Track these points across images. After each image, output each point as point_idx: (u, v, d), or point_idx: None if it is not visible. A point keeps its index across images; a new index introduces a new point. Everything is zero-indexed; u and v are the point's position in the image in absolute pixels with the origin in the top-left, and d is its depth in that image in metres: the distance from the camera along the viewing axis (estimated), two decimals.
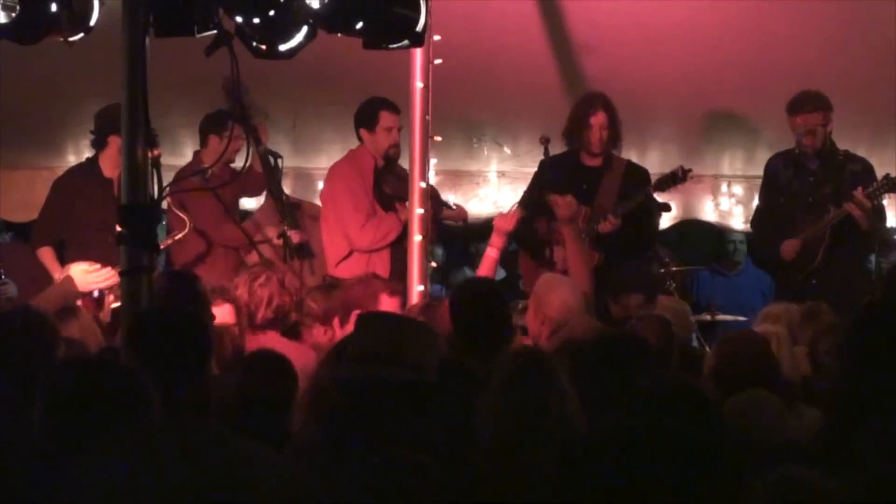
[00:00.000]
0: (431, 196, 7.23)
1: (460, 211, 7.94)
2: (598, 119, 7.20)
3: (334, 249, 7.40)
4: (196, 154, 7.56)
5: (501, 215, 6.93)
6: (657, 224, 7.83)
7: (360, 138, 7.40)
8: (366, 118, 7.34)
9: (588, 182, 7.25)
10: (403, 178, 7.18)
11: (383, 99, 7.32)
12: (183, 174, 7.20)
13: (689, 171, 7.21)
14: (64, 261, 7.09)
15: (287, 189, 7.78)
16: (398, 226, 7.25)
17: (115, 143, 7.04)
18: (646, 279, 6.62)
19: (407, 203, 6.99)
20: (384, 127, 7.30)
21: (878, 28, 7.44)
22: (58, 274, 6.89)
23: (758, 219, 7.69)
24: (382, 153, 7.35)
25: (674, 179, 7.21)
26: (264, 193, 7.77)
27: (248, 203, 8.27)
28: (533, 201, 7.23)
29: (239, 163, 7.37)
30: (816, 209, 7.19)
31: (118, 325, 5.45)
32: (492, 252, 6.80)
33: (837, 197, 7.11)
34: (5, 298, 6.80)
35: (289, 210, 7.42)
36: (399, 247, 7.18)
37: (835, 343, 5.17)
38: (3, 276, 7.28)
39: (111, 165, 7.17)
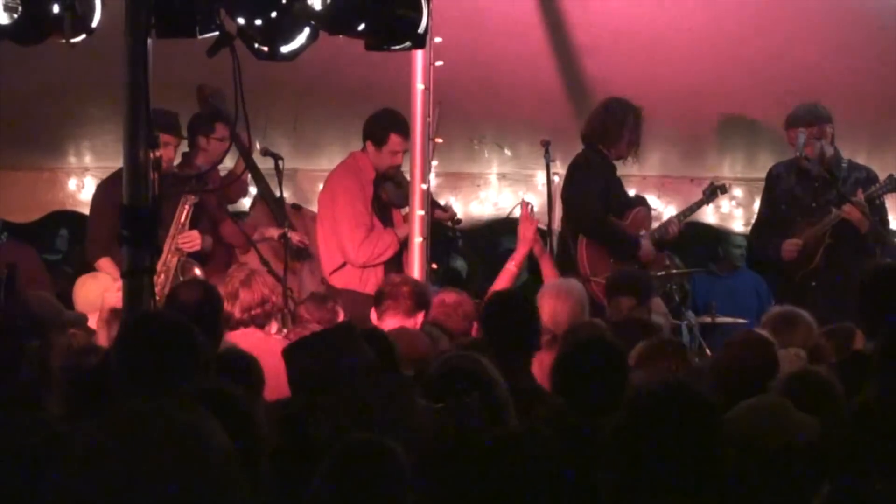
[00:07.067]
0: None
1: (450, 211, 7.91)
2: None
3: (329, 258, 7.37)
4: (185, 156, 7.43)
5: (523, 222, 7.00)
6: None
7: (364, 147, 7.40)
8: (376, 134, 7.29)
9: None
10: (400, 185, 7.19)
11: (396, 118, 7.20)
12: (177, 178, 7.12)
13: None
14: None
15: (287, 190, 7.75)
16: (395, 244, 7.22)
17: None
18: (637, 282, 6.63)
19: (405, 215, 6.99)
20: (391, 150, 7.25)
21: (878, 31, 7.45)
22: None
23: (759, 224, 7.70)
24: (382, 170, 7.34)
25: (723, 189, 7.79)
26: (252, 195, 7.85)
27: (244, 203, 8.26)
28: (598, 197, 7.27)
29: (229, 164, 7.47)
30: (819, 213, 7.20)
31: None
32: (511, 266, 6.82)
33: (840, 202, 7.11)
34: None
35: (282, 212, 7.42)
36: (393, 258, 7.20)
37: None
38: None
39: None
